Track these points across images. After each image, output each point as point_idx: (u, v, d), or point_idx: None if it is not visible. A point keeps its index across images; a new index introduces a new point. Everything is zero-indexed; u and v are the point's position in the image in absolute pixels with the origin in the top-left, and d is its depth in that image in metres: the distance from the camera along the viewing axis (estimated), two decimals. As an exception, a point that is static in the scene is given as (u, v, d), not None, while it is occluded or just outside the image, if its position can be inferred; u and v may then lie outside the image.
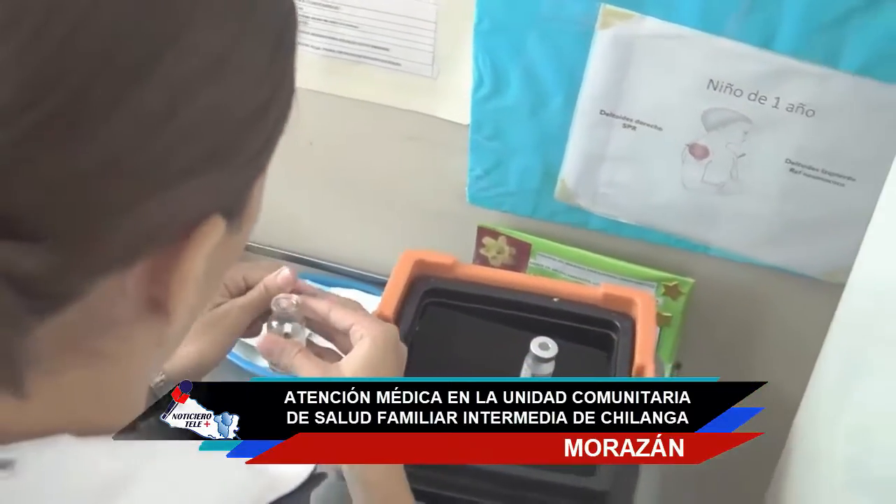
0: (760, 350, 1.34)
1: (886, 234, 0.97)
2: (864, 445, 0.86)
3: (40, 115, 0.37)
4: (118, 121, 0.39)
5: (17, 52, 0.37)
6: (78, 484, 0.48)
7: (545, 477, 0.90)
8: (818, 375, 1.10)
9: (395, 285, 1.04)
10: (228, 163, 0.46)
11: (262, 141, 0.50)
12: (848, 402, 0.95)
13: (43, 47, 0.37)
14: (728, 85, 1.10)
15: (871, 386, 0.90)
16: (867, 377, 0.93)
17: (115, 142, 0.39)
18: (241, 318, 0.88)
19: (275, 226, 1.46)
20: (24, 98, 0.37)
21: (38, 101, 0.37)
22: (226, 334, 0.87)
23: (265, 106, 0.49)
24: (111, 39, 0.39)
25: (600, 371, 1.01)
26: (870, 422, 0.87)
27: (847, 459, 0.90)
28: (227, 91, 0.45)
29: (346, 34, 1.23)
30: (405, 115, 1.28)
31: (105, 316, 0.45)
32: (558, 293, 1.05)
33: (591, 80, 1.15)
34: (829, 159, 1.12)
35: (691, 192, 1.20)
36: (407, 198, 1.36)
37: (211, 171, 0.45)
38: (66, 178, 0.39)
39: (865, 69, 1.03)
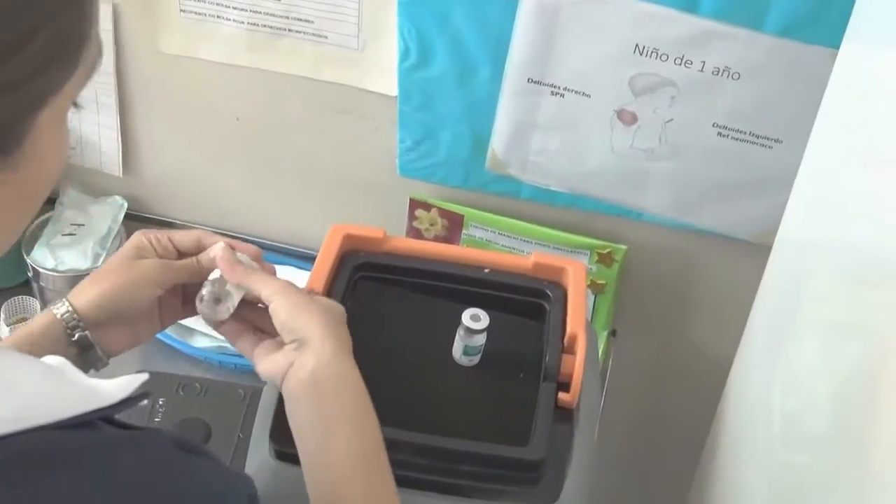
0: (695, 314, 1.34)
1: (808, 194, 0.98)
2: (799, 402, 0.86)
3: None
4: None
5: None
6: None
7: (478, 448, 0.89)
8: (748, 336, 1.12)
9: (324, 260, 1.02)
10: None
11: (21, 74, 0.48)
12: (780, 360, 0.96)
13: None
14: (654, 49, 1.09)
15: (801, 344, 0.91)
16: (795, 337, 0.94)
17: None
18: (160, 272, 0.86)
19: (203, 202, 1.45)
20: None
21: None
22: (138, 281, 0.85)
23: (21, 40, 0.47)
24: None
25: (532, 339, 1.00)
26: (803, 379, 0.88)
27: (783, 417, 0.90)
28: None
29: (269, 7, 1.20)
30: (333, 88, 1.26)
31: None
32: (489, 264, 1.04)
33: (518, 48, 1.14)
34: (756, 122, 1.12)
35: (621, 158, 1.19)
36: (337, 172, 1.35)
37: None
38: None
39: (788, 31, 1.04)
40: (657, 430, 1.48)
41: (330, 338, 0.80)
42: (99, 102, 1.35)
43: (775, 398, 0.95)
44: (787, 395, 0.91)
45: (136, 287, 0.85)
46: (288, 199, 1.41)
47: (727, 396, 1.19)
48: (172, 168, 1.42)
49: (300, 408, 0.78)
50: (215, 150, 1.38)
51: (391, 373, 0.98)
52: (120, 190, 1.44)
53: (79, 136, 1.40)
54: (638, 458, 1.52)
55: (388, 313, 1.03)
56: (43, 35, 0.48)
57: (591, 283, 1.31)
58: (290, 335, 0.80)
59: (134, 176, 1.44)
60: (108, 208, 1.42)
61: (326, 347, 0.79)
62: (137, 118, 1.38)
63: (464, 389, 0.97)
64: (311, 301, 0.83)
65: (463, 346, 0.97)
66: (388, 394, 0.96)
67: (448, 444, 0.89)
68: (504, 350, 0.99)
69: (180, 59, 1.29)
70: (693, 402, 1.31)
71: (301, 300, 0.82)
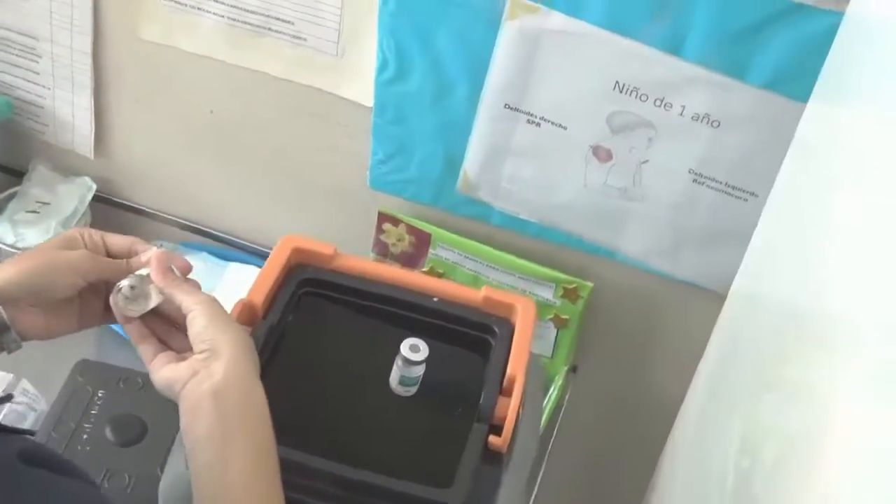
0: (656, 357, 1.32)
1: (761, 250, 0.97)
2: (746, 461, 0.84)
3: None
4: None
5: None
6: None
7: (398, 486, 0.86)
8: (693, 387, 1.12)
9: (269, 270, 0.99)
10: None
11: None
12: (722, 416, 0.94)
13: None
14: (634, 88, 1.07)
15: (743, 397, 0.89)
16: (733, 393, 0.93)
17: None
18: (84, 262, 0.84)
19: (172, 191, 1.44)
20: None
21: None
22: (60, 266, 0.83)
23: None
24: None
25: (474, 375, 0.97)
26: (753, 435, 0.85)
27: (736, 473, 0.88)
28: None
29: (250, 4, 1.19)
30: (309, 91, 1.24)
31: None
32: (439, 293, 1.01)
33: (497, 72, 1.11)
34: (732, 173, 1.09)
35: (593, 194, 1.16)
36: (308, 176, 1.33)
37: None
38: None
39: (772, 84, 1.01)
40: (607, 471, 1.46)
41: (242, 354, 0.79)
42: (74, 81, 1.34)
43: (712, 445, 0.93)
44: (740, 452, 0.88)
45: (56, 272, 0.83)
46: (256, 197, 1.39)
47: (672, 437, 1.19)
48: (144, 154, 1.41)
49: (199, 419, 0.76)
50: (188, 141, 1.36)
51: (323, 394, 0.96)
52: (90, 171, 1.42)
53: (52, 114, 1.38)
54: (583, 495, 1.50)
55: (330, 333, 1.01)
56: None
57: (554, 316, 1.28)
58: (202, 345, 0.79)
59: (105, 158, 1.42)
60: (76, 188, 1.40)
61: (236, 362, 0.78)
62: (113, 101, 1.36)
63: (396, 420, 0.95)
64: (230, 318, 0.82)
65: (400, 375, 0.95)
66: (316, 416, 0.94)
67: (367, 477, 0.87)
68: (443, 383, 0.96)
69: (160, 46, 1.27)
70: (645, 443, 1.30)
71: (221, 314, 0.82)
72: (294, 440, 0.87)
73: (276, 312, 0.97)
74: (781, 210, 0.97)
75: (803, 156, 0.94)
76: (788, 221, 0.92)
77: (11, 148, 1.44)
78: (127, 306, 0.85)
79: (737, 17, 0.98)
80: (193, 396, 0.77)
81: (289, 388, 0.94)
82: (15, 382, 1.23)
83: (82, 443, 1.10)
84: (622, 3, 1.01)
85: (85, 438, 1.11)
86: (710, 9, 0.98)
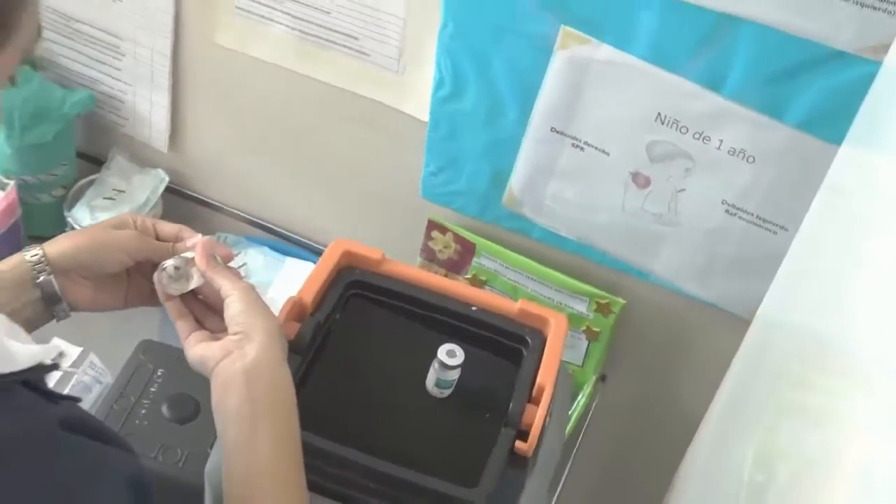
0: (681, 372, 1.31)
1: (788, 282, 0.96)
2: (761, 476, 0.83)
3: None
4: None
5: None
6: None
7: (427, 483, 0.87)
8: (715, 403, 1.12)
9: (320, 271, 1.00)
10: None
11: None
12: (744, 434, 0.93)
13: None
14: (675, 121, 1.06)
15: (761, 417, 0.89)
16: (750, 414, 0.91)
17: None
18: (132, 241, 0.86)
19: (237, 187, 1.45)
20: None
21: None
22: (109, 243, 0.86)
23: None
24: None
25: (506, 382, 0.97)
26: (766, 456, 0.84)
27: (748, 488, 0.87)
28: None
29: (319, 18, 1.19)
30: (370, 103, 1.24)
31: None
32: (478, 302, 1.02)
33: (546, 97, 1.11)
34: (764, 206, 1.08)
35: (630, 217, 1.16)
36: (363, 182, 1.33)
37: None
38: None
39: (806, 125, 1.00)
40: (628, 477, 1.45)
41: (273, 341, 0.79)
42: (153, 80, 1.35)
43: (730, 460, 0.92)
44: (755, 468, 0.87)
45: (105, 247, 0.85)
46: (314, 198, 1.39)
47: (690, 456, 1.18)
48: (214, 151, 1.42)
49: (229, 395, 0.77)
50: (254, 141, 1.37)
51: (363, 391, 0.96)
52: (163, 164, 1.44)
53: (132, 109, 1.40)
54: (603, 499, 1.49)
55: (373, 333, 1.01)
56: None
57: (586, 328, 1.28)
58: (237, 327, 0.80)
59: (178, 153, 1.43)
60: (150, 179, 1.42)
61: (268, 346, 0.79)
62: (188, 100, 1.37)
63: (429, 420, 0.95)
64: (265, 306, 0.83)
65: (436, 378, 0.95)
66: (355, 411, 0.95)
67: (399, 472, 0.87)
68: (476, 388, 0.97)
69: (233, 53, 1.28)
70: (667, 454, 1.29)
71: (257, 301, 0.82)
72: (332, 432, 0.88)
73: (324, 311, 0.98)
74: (809, 245, 0.95)
75: (834, 196, 0.93)
76: (816, 256, 0.91)
77: (93, 138, 1.46)
78: (169, 284, 0.86)
79: (777, 59, 0.96)
80: (225, 374, 0.77)
81: (331, 384, 0.95)
82: (83, 356, 1.25)
83: (140, 417, 1.12)
84: (667, 39, 1.00)
85: (143, 413, 1.13)
86: (751, 49, 0.97)
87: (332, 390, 0.95)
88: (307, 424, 0.86)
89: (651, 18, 0.99)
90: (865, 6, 0.90)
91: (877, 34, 0.90)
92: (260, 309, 0.82)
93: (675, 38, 1.00)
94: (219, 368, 0.78)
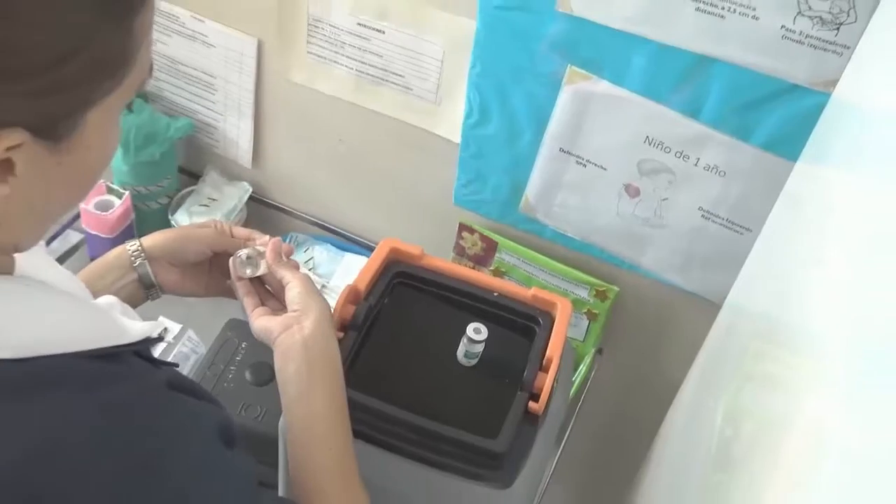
0: (665, 347, 1.29)
1: (751, 273, 0.95)
2: (729, 433, 0.82)
3: None
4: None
5: None
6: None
7: (456, 435, 0.86)
8: (692, 371, 1.11)
9: (371, 264, 1.00)
10: (21, 85, 0.45)
11: (72, 79, 0.47)
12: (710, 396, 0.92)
13: None
14: (660, 142, 1.05)
15: (725, 386, 0.87)
16: (720, 379, 0.90)
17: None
18: (211, 237, 0.87)
19: (307, 196, 1.44)
20: None
21: None
22: (192, 237, 0.86)
23: (72, 52, 0.47)
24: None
25: (521, 354, 0.96)
26: (734, 414, 0.83)
27: (719, 441, 0.86)
28: (17, 28, 0.44)
29: (373, 60, 1.19)
30: (412, 128, 1.23)
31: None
32: (499, 289, 1.01)
33: (555, 123, 1.10)
34: (733, 212, 1.07)
35: (623, 220, 1.14)
36: (407, 191, 1.33)
37: (1, 87, 0.45)
38: None
39: (769, 146, 0.98)
40: (621, 432, 1.43)
41: (325, 318, 0.79)
42: (240, 110, 1.35)
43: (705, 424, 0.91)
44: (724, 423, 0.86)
45: (188, 240, 0.86)
46: (368, 205, 1.39)
47: (671, 416, 1.16)
48: (288, 167, 1.42)
49: (290, 361, 0.76)
50: (321, 160, 1.37)
51: (405, 361, 0.96)
52: (248, 178, 1.44)
53: (223, 134, 1.40)
54: (601, 449, 1.47)
55: (414, 314, 1.01)
56: (85, 54, 0.47)
57: (587, 310, 1.27)
58: (296, 305, 0.79)
59: (259, 169, 1.44)
60: (237, 190, 1.42)
61: (321, 322, 0.78)
62: (267, 126, 1.38)
63: (459, 384, 0.94)
64: (318, 291, 0.82)
65: (465, 350, 0.94)
66: (399, 377, 0.94)
67: (434, 426, 0.87)
68: (497, 358, 0.96)
69: (304, 87, 1.28)
70: (653, 413, 1.28)
71: (312, 287, 0.82)
72: (380, 394, 0.88)
73: (374, 296, 0.98)
74: (770, 244, 0.94)
75: (791, 203, 0.91)
76: (775, 253, 0.90)
77: (191, 157, 1.47)
78: (241, 268, 0.86)
79: (744, 92, 0.95)
80: (287, 343, 0.77)
81: (379, 355, 0.95)
82: (183, 332, 1.26)
83: (227, 381, 1.13)
84: (654, 76, 0.99)
85: (230, 378, 1.13)
86: (723, 84, 0.96)
87: (380, 360, 0.94)
88: (360, 387, 0.86)
89: (641, 59, 0.98)
90: (818, 48, 0.88)
91: (827, 71, 0.89)
92: (315, 293, 0.81)
93: (661, 75, 0.99)
94: (281, 339, 0.77)
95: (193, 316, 1.27)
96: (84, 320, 0.55)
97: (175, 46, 1.33)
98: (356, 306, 0.95)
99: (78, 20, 0.46)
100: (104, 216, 1.29)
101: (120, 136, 0.56)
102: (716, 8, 0.91)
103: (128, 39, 0.50)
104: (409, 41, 1.14)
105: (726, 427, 0.81)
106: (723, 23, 0.91)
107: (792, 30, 0.88)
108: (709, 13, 0.91)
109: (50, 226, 0.57)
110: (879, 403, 0.44)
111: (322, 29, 1.19)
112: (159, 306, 0.91)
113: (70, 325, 0.54)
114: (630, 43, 0.97)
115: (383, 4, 1.13)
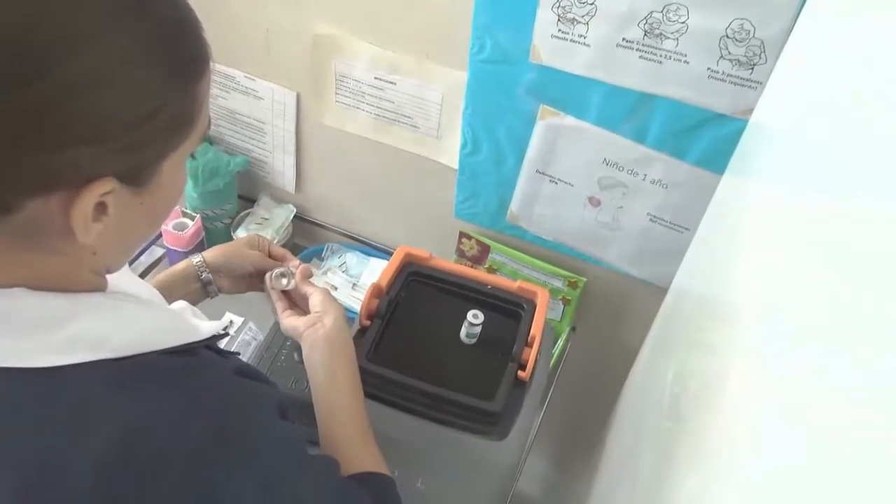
0: (624, 324, 1.29)
1: (690, 262, 0.95)
2: (677, 388, 0.82)
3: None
4: (27, 98, 0.40)
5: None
6: (31, 311, 0.47)
7: (460, 399, 0.86)
8: (647, 342, 1.10)
9: (390, 266, 1.00)
10: (112, 143, 0.44)
11: (151, 135, 0.47)
12: (664, 360, 0.92)
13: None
14: (615, 163, 1.04)
15: (676, 351, 0.87)
16: (671, 346, 0.90)
17: (25, 112, 0.40)
18: (256, 258, 0.86)
19: (341, 213, 1.44)
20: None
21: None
22: (243, 255, 0.86)
23: (151, 114, 0.46)
24: (22, 40, 0.39)
25: (511, 333, 0.96)
26: (681, 377, 0.83)
27: (669, 396, 0.86)
28: (111, 96, 0.43)
29: (388, 105, 1.19)
30: (421, 158, 1.23)
31: (45, 226, 0.45)
32: (491, 283, 1.01)
33: (532, 151, 1.10)
34: (674, 216, 1.06)
35: (588, 225, 1.14)
36: (419, 208, 1.32)
37: (97, 146, 0.44)
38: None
39: (701, 163, 0.98)
40: (592, 392, 1.43)
41: (341, 318, 0.79)
42: (285, 148, 1.35)
43: (657, 381, 0.90)
44: (673, 383, 0.86)
45: (239, 258, 0.86)
46: (387, 219, 1.38)
47: (631, 378, 1.15)
48: (325, 192, 1.42)
49: (315, 352, 0.76)
50: (350, 185, 1.37)
51: (419, 341, 0.96)
52: (292, 201, 1.44)
53: (272, 167, 1.40)
54: (576, 406, 1.47)
55: (425, 304, 1.01)
56: (165, 112, 0.47)
57: (562, 297, 1.26)
58: (317, 308, 0.79)
59: (301, 194, 1.43)
60: (284, 211, 1.42)
61: (338, 320, 0.78)
62: (306, 160, 1.37)
63: (461, 358, 0.95)
64: (335, 300, 0.82)
65: (466, 331, 0.94)
66: (413, 354, 0.94)
67: (441, 392, 0.87)
68: (492, 337, 0.96)
69: (334, 129, 1.28)
70: (617, 376, 1.27)
71: (330, 297, 0.82)
72: (399, 368, 0.88)
73: (394, 291, 0.98)
74: (704, 240, 0.94)
75: (720, 208, 0.91)
76: (707, 246, 0.90)
77: (247, 185, 1.47)
78: (275, 281, 0.86)
79: (681, 121, 0.95)
80: (312, 338, 0.77)
81: (398, 337, 0.95)
82: (245, 324, 1.26)
83: (280, 361, 1.12)
84: (608, 111, 0.99)
85: (282, 359, 1.12)
86: (663, 115, 0.95)
87: (398, 341, 0.95)
88: (383, 363, 0.86)
89: (598, 98, 0.98)
90: (737, 84, 0.88)
91: (745, 102, 0.89)
92: (332, 300, 0.81)
93: (614, 110, 0.98)
94: (306, 334, 0.77)
95: (253, 311, 1.27)
96: (165, 324, 0.55)
97: (232, 100, 1.34)
98: (379, 300, 0.96)
99: (156, 87, 0.46)
100: (180, 234, 1.30)
101: (187, 177, 0.55)
102: (655, 56, 0.90)
103: (193, 102, 0.50)
104: (415, 89, 1.14)
105: (675, 385, 0.81)
106: (661, 67, 0.91)
107: (716, 70, 0.88)
108: (650, 60, 0.91)
109: (136, 251, 0.57)
110: (785, 360, 0.43)
111: (347, 83, 1.20)
112: (226, 303, 0.91)
113: (154, 329, 0.54)
114: (588, 85, 0.97)
115: (394, 62, 1.13)
